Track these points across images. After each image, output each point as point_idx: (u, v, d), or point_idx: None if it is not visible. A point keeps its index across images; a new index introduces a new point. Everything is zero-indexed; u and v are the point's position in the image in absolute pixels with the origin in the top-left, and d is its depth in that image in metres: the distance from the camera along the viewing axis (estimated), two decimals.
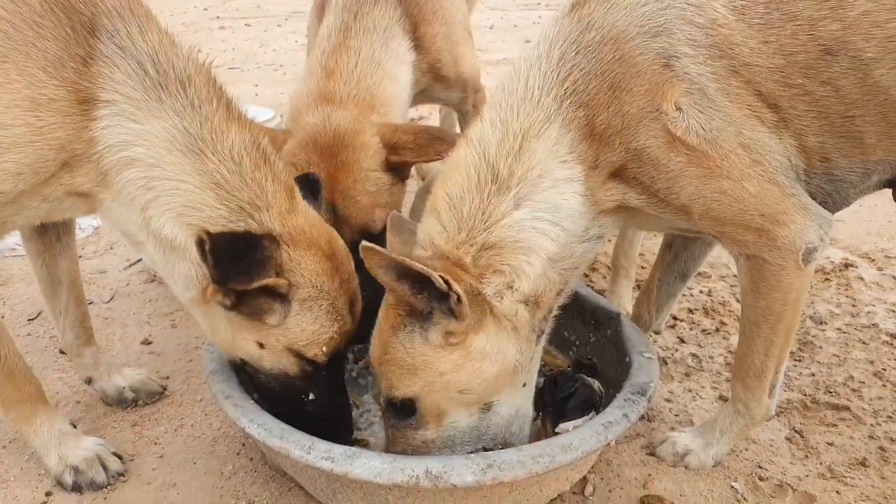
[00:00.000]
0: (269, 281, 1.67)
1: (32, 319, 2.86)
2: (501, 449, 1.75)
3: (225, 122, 1.71)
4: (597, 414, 1.89)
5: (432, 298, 1.67)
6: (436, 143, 2.18)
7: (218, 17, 10.36)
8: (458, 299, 1.64)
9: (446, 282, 1.61)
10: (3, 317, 2.86)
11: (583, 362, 2.21)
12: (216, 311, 1.78)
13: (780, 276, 1.76)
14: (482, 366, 1.73)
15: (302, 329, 1.78)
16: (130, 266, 3.30)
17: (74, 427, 2.14)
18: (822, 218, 1.75)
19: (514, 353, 1.76)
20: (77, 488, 1.98)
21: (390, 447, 1.86)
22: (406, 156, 2.23)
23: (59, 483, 2.00)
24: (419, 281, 1.64)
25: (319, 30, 2.58)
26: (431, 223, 1.78)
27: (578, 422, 1.88)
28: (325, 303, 1.78)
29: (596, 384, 2.02)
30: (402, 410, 1.79)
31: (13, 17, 1.53)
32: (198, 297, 1.76)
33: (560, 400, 1.97)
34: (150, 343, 2.72)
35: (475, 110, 2.89)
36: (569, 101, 1.69)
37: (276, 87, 6.33)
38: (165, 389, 2.42)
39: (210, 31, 9.26)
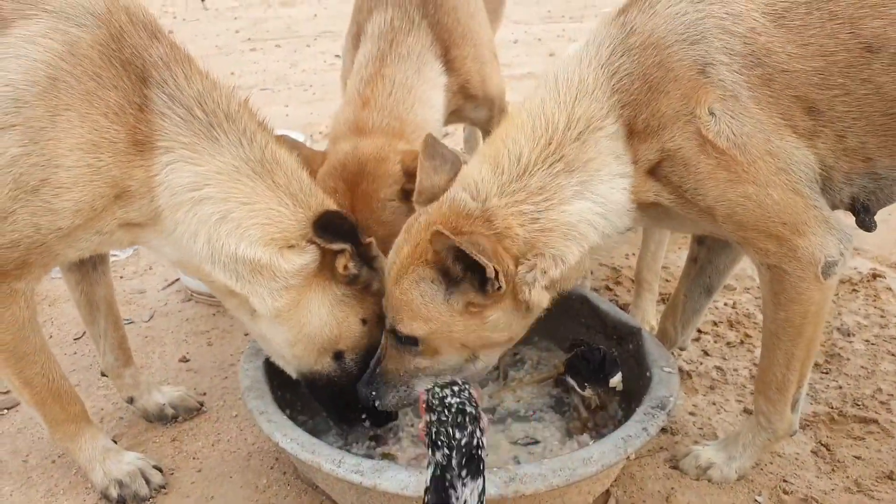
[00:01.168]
0: (373, 240, 1.95)
1: (78, 339, 2.99)
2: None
3: (277, 147, 1.89)
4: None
5: (467, 269, 1.76)
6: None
7: (249, 39, 10.61)
8: (498, 287, 1.74)
9: (496, 273, 1.70)
10: (50, 336, 3.01)
11: (576, 342, 2.35)
12: (323, 306, 1.94)
13: (799, 289, 1.79)
14: (490, 335, 1.88)
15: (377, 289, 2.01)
16: (168, 286, 3.43)
17: (116, 443, 2.25)
18: (842, 232, 1.78)
19: (518, 329, 1.92)
20: (122, 501, 2.08)
21: (383, 361, 1.97)
22: None
23: (105, 496, 2.11)
24: (463, 255, 1.71)
25: (357, 56, 2.69)
26: (487, 172, 1.85)
27: (618, 376, 2.15)
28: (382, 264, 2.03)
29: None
30: (405, 340, 1.92)
31: (74, 69, 1.68)
32: (287, 304, 1.90)
33: (598, 369, 2.13)
34: (187, 361, 2.83)
35: None
36: (616, 98, 1.78)
37: (306, 107, 6.48)
38: (203, 406, 2.53)
39: (242, 53, 9.50)
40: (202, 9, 14.03)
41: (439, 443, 1.22)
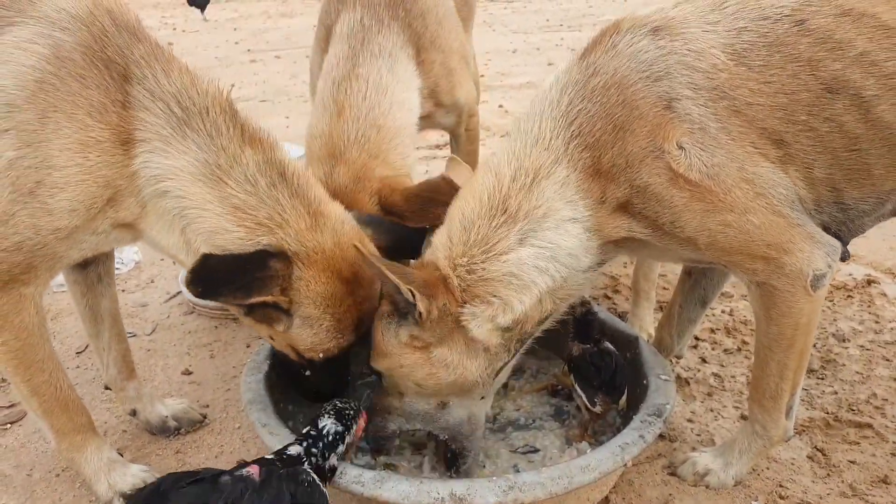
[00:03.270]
0: (268, 299, 1.80)
1: (81, 352, 3.02)
2: (450, 439, 2.02)
3: (239, 147, 1.84)
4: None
5: (407, 303, 1.79)
6: (429, 207, 2.17)
7: (249, 51, 10.70)
8: (420, 314, 1.78)
9: (413, 294, 1.74)
10: None
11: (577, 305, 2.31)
12: (262, 330, 1.97)
13: (790, 303, 1.82)
14: (438, 372, 1.87)
15: (302, 339, 1.93)
16: (171, 299, 3.46)
17: (121, 455, 2.27)
18: (828, 245, 1.81)
19: (476, 371, 1.88)
20: None
21: (377, 391, 2.08)
22: (401, 220, 2.23)
23: None
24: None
25: (327, 57, 2.65)
26: (442, 232, 1.92)
27: (624, 396, 2.18)
28: (326, 322, 1.90)
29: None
30: (377, 375, 2.01)
31: (59, 71, 1.73)
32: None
33: (609, 378, 2.14)
34: (190, 373, 2.86)
35: (468, 134, 3.00)
36: (574, 143, 1.79)
37: (306, 119, 6.50)
38: (206, 418, 2.55)
39: (242, 65, 9.57)
40: (202, 20, 14.13)
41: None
